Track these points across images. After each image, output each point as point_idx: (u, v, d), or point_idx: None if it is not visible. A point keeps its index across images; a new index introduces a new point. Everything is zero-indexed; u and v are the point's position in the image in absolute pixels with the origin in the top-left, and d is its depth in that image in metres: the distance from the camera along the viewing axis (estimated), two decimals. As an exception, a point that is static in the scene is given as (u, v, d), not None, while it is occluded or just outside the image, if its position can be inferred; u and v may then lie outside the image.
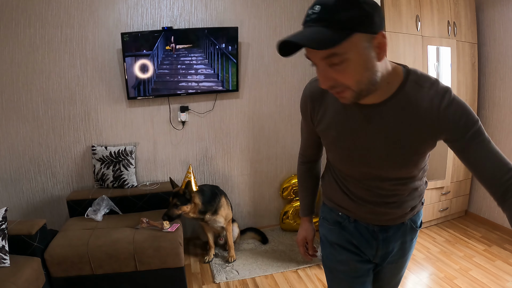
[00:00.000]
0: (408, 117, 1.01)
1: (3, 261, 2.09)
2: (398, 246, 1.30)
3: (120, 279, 2.45)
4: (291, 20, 3.41)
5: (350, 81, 0.92)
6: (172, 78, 3.13)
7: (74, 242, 2.43)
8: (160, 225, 2.60)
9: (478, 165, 1.00)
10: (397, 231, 1.27)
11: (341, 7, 0.83)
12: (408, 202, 1.22)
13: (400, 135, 1.03)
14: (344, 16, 0.84)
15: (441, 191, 3.46)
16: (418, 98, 1.00)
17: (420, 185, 1.22)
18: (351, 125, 1.09)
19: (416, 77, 1.02)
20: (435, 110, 0.98)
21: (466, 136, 0.98)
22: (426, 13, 3.06)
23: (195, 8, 3.18)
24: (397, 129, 1.03)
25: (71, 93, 3.08)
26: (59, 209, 3.20)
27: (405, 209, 1.23)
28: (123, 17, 3.05)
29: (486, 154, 0.98)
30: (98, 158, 3.08)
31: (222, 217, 2.94)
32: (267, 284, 2.69)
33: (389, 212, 1.21)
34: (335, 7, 0.84)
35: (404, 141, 1.04)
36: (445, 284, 2.57)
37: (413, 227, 1.29)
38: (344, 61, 0.88)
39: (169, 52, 3.06)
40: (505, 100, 3.26)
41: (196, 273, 2.90)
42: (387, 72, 0.98)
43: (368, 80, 0.93)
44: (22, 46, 2.92)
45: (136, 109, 3.21)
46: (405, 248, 1.32)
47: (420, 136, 1.03)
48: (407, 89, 1.00)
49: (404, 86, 1.01)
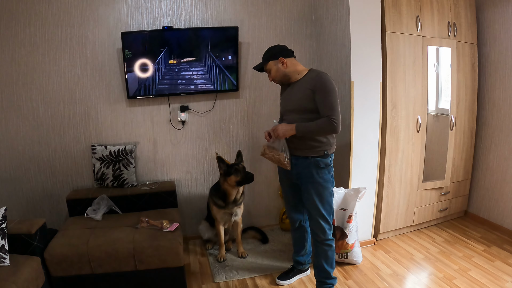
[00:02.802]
0: (304, 85, 2.26)
1: (3, 260, 2.09)
2: (306, 174, 2.31)
3: (119, 279, 2.45)
4: (291, 20, 3.41)
5: (275, 77, 2.37)
6: (171, 90, 3.17)
7: (74, 241, 2.43)
8: (160, 225, 2.60)
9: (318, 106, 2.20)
10: (303, 161, 2.30)
11: (266, 53, 2.38)
12: (308, 142, 2.26)
13: (301, 93, 2.27)
14: (265, 56, 2.38)
15: (441, 191, 3.46)
16: (310, 77, 2.26)
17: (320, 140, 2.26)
18: (286, 92, 2.41)
19: (312, 71, 2.30)
20: (313, 78, 2.23)
21: (317, 89, 2.19)
22: (426, 14, 3.06)
23: (195, 7, 3.18)
24: (300, 90, 2.28)
25: (71, 92, 3.08)
26: (58, 208, 3.20)
27: (306, 145, 2.27)
28: (123, 16, 3.05)
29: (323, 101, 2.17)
30: (98, 157, 3.08)
31: (242, 210, 3.06)
32: (266, 284, 2.69)
33: (295, 142, 2.30)
34: (265, 54, 2.39)
35: (302, 95, 2.26)
36: (444, 284, 2.57)
37: (317, 164, 2.27)
38: (270, 70, 2.37)
39: (171, 66, 3.09)
40: (505, 100, 3.26)
41: (196, 272, 2.90)
42: (296, 70, 2.32)
43: (281, 76, 2.34)
44: (22, 45, 2.92)
45: (136, 108, 3.21)
46: (312, 177, 2.29)
47: (307, 92, 2.23)
48: (306, 76, 2.29)
49: (306, 75, 2.30)
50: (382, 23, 2.89)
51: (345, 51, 2.92)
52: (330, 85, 2.17)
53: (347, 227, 2.79)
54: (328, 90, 2.17)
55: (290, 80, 2.35)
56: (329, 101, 2.16)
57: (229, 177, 2.84)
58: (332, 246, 2.42)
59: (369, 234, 3.21)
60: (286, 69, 2.31)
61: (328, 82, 2.18)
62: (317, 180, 2.31)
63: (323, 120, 2.18)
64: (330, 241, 2.40)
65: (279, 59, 2.30)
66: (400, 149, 3.14)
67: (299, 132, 2.23)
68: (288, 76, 2.33)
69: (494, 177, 3.43)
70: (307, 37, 3.48)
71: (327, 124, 2.16)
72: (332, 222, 2.40)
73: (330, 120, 2.15)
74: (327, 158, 2.30)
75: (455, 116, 3.34)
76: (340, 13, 2.96)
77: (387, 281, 2.65)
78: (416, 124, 3.16)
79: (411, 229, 3.45)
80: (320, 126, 2.18)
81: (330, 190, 2.36)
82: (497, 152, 3.38)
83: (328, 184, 2.34)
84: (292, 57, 2.36)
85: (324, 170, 2.30)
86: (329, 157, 2.31)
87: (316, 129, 2.21)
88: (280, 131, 2.27)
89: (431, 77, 3.22)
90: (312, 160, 2.28)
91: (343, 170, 3.11)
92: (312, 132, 2.23)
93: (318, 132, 2.23)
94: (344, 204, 2.84)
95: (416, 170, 3.26)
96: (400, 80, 3.03)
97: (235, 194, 2.92)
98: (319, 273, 2.48)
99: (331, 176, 2.36)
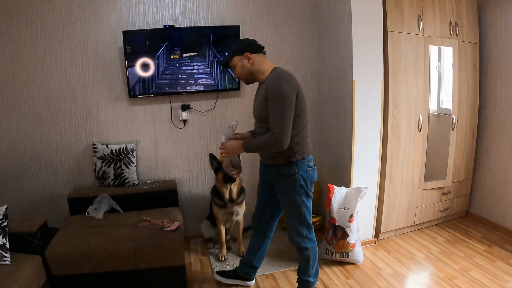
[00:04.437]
0: (261, 91, 2.05)
1: (4, 259, 2.09)
2: (271, 182, 2.23)
3: (120, 278, 2.45)
4: (293, 19, 3.40)
5: (240, 75, 2.13)
6: (171, 89, 3.16)
7: (75, 240, 2.43)
8: (161, 224, 2.60)
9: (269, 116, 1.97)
10: (269, 169, 2.20)
11: (231, 48, 2.12)
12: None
13: (258, 99, 2.09)
14: (232, 50, 2.10)
15: (442, 191, 3.46)
16: (267, 80, 2.02)
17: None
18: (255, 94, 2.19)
19: (274, 72, 2.04)
20: (268, 82, 1.99)
21: (268, 97, 1.95)
22: (428, 13, 3.06)
23: (197, 6, 3.18)
24: (258, 96, 2.10)
25: (72, 91, 3.07)
26: (60, 207, 3.20)
27: (267, 154, 2.14)
28: (125, 15, 3.05)
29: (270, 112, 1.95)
30: (99, 156, 3.08)
31: (243, 209, 3.01)
32: (267, 283, 2.69)
33: None
34: (230, 48, 2.14)
35: (258, 101, 2.07)
36: (445, 284, 2.57)
37: (280, 173, 2.12)
38: (235, 67, 2.12)
39: (172, 61, 3.07)
40: (507, 100, 3.25)
41: (197, 271, 2.90)
42: (262, 69, 2.08)
43: (246, 74, 2.10)
44: (23, 44, 2.92)
45: (137, 107, 3.21)
46: (280, 186, 2.18)
47: (262, 99, 2.02)
48: (267, 78, 2.04)
49: (267, 76, 2.05)
50: (384, 23, 2.89)
51: (347, 50, 2.92)
52: (278, 93, 1.90)
53: (349, 227, 2.79)
54: (275, 99, 1.91)
55: (256, 79, 2.11)
56: (274, 112, 1.92)
57: (217, 174, 2.85)
58: (305, 254, 2.27)
59: (370, 233, 3.21)
60: (251, 66, 2.05)
61: (277, 90, 1.91)
62: (282, 190, 2.18)
63: (266, 136, 1.97)
64: (303, 249, 2.26)
65: (245, 55, 2.04)
66: (402, 148, 3.14)
67: (246, 150, 2.07)
68: (253, 75, 2.09)
69: (496, 177, 3.42)
70: (309, 36, 3.48)
71: (269, 140, 1.94)
72: (306, 230, 2.23)
73: (272, 135, 1.93)
74: (291, 166, 2.09)
75: (457, 116, 3.34)
76: (341, 12, 2.96)
77: (388, 281, 2.65)
78: (418, 124, 3.16)
79: (412, 228, 3.45)
80: (263, 142, 1.99)
81: (298, 202, 2.14)
82: (499, 152, 3.38)
83: (295, 196, 2.13)
84: (261, 53, 2.10)
85: (289, 179, 2.10)
86: (294, 165, 2.09)
87: (261, 146, 2.03)
88: (229, 150, 2.12)
89: (433, 76, 3.22)
90: (274, 168, 2.14)
91: (344, 169, 3.11)
92: (257, 149, 2.08)
93: (263, 149, 2.07)
94: (345, 204, 2.83)
95: (418, 169, 3.26)
96: (401, 79, 3.02)
97: (229, 193, 2.87)
98: (299, 280, 2.41)
99: (301, 186, 2.11)
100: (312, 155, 2.22)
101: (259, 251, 2.56)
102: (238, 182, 2.91)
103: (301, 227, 2.22)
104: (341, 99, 3.10)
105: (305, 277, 2.36)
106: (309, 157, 2.18)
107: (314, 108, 3.58)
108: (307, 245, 2.25)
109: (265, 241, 2.53)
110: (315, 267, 2.37)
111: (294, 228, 2.23)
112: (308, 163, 2.15)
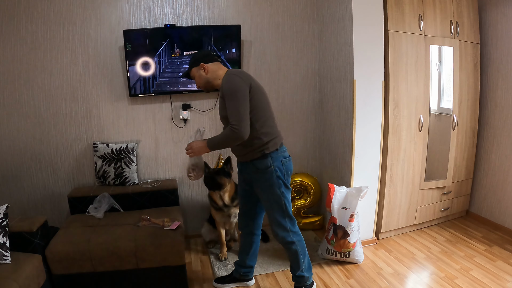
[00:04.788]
0: (220, 91, 2.12)
1: (4, 258, 2.09)
2: (249, 179, 2.27)
3: (121, 277, 2.45)
4: (294, 18, 3.40)
5: (199, 84, 2.26)
6: (172, 87, 3.16)
7: (75, 239, 2.43)
8: (161, 223, 2.60)
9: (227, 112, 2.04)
10: (246, 166, 2.25)
11: (190, 60, 2.24)
12: (238, 147, 2.19)
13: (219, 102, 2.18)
14: (190, 62, 2.23)
15: (442, 191, 3.46)
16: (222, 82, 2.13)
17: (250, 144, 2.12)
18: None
19: (226, 73, 2.16)
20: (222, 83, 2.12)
21: (223, 95, 2.06)
22: (429, 13, 3.05)
23: (198, 6, 3.18)
24: (219, 97, 2.18)
25: (72, 90, 3.07)
26: (60, 206, 3.20)
27: (239, 151, 2.21)
28: (126, 14, 3.05)
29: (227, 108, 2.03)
30: (100, 155, 3.08)
31: None
32: (268, 283, 2.69)
33: (234, 149, 2.26)
34: (189, 60, 2.24)
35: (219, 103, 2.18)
36: (445, 283, 2.57)
37: (256, 168, 2.17)
38: (194, 77, 2.25)
39: (173, 60, 3.07)
40: (507, 100, 3.25)
41: (197, 271, 2.90)
42: (217, 75, 2.19)
43: (203, 83, 2.23)
44: (24, 43, 2.92)
45: (138, 106, 3.21)
46: (258, 181, 2.21)
47: (221, 100, 2.12)
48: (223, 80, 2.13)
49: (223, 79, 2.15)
50: (384, 22, 2.89)
51: (348, 49, 2.92)
52: (229, 88, 2.03)
53: (349, 226, 2.79)
54: (228, 94, 2.03)
55: (214, 86, 2.23)
56: (230, 106, 2.02)
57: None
58: (292, 249, 2.29)
59: (370, 233, 3.20)
60: (207, 75, 2.18)
61: (228, 85, 2.04)
62: (260, 185, 2.22)
63: (226, 129, 2.06)
64: (289, 244, 2.28)
65: (200, 65, 2.18)
66: (402, 148, 3.14)
67: (211, 147, 2.13)
68: (210, 83, 2.21)
69: (496, 177, 3.42)
70: (310, 35, 3.47)
71: (228, 133, 2.02)
72: (289, 223, 2.26)
73: (231, 128, 2.00)
74: (266, 159, 2.15)
75: (457, 115, 3.33)
76: (342, 12, 2.96)
77: (389, 280, 2.65)
78: (418, 123, 3.16)
79: (413, 228, 3.45)
80: (225, 136, 2.07)
81: (278, 193, 2.18)
82: (499, 152, 3.38)
83: (274, 188, 2.18)
84: (217, 61, 2.22)
85: (266, 172, 2.16)
86: (269, 157, 2.15)
87: (223, 140, 2.10)
88: (195, 149, 2.18)
89: (434, 76, 3.22)
90: (250, 164, 2.20)
91: (345, 169, 3.11)
92: (221, 144, 2.13)
93: (226, 143, 2.12)
94: (346, 203, 2.83)
95: (418, 169, 3.26)
96: (402, 79, 3.02)
97: (219, 198, 2.83)
98: (294, 278, 2.41)
99: (278, 177, 2.17)
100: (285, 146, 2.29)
101: (251, 250, 2.57)
102: (229, 188, 2.84)
103: (284, 220, 2.25)
104: (342, 99, 3.10)
105: (298, 273, 2.36)
106: (283, 148, 2.25)
107: (315, 107, 3.58)
108: (293, 239, 2.28)
109: (254, 238, 2.54)
110: (307, 261, 2.37)
111: (278, 223, 2.26)
112: (282, 153, 2.21)
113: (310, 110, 3.59)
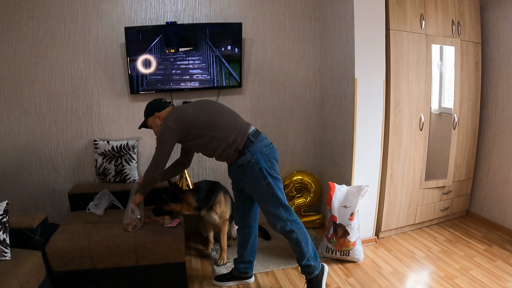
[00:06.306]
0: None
1: (4, 255, 2.09)
2: (237, 178, 2.33)
3: (120, 274, 2.45)
4: (295, 16, 3.40)
5: (156, 132, 2.33)
6: (175, 85, 3.16)
7: (75, 236, 2.43)
8: (162, 220, 2.60)
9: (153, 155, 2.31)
10: (231, 167, 2.32)
11: (145, 111, 2.41)
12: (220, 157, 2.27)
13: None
14: (145, 113, 2.40)
15: (443, 191, 3.46)
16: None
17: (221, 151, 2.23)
18: None
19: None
20: None
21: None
22: (430, 12, 3.05)
23: (199, 3, 3.17)
24: None
25: (73, 87, 3.07)
26: (60, 203, 3.20)
27: (222, 158, 2.28)
28: (127, 11, 3.05)
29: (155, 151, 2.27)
30: (100, 152, 3.08)
31: (216, 214, 2.82)
32: (267, 281, 2.69)
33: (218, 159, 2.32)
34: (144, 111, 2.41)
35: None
36: (445, 283, 2.57)
37: (239, 166, 2.23)
38: (152, 126, 2.40)
39: (166, 56, 3.06)
40: (508, 100, 3.25)
41: (197, 268, 2.90)
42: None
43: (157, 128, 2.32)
44: (25, 40, 2.91)
45: (138, 103, 3.20)
46: (243, 177, 2.26)
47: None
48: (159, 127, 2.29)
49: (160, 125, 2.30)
50: (386, 21, 2.89)
51: (349, 48, 2.91)
52: (159, 137, 2.25)
53: (349, 225, 2.79)
54: (157, 141, 2.26)
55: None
56: (155, 152, 2.28)
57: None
58: (293, 237, 2.28)
59: (370, 232, 3.21)
60: (162, 122, 2.30)
61: (159, 134, 2.25)
62: (246, 181, 2.27)
63: (145, 175, 2.36)
64: (289, 233, 2.28)
65: (155, 115, 2.34)
66: (403, 147, 3.14)
67: (143, 192, 2.43)
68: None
69: (497, 177, 3.42)
70: (311, 34, 3.47)
71: (147, 179, 2.34)
72: (284, 212, 2.25)
73: (147, 173, 2.32)
74: (245, 155, 2.20)
75: (458, 115, 3.33)
76: (344, 10, 2.95)
77: (389, 279, 2.65)
78: (419, 123, 3.15)
79: (413, 227, 3.45)
80: (145, 183, 2.38)
81: (264, 184, 2.20)
82: (500, 152, 3.37)
83: (260, 180, 2.20)
84: (168, 106, 2.38)
85: (247, 167, 2.21)
86: (247, 152, 2.19)
87: (144, 184, 2.38)
88: (136, 202, 2.48)
89: (435, 75, 3.21)
90: (234, 164, 2.27)
91: (345, 167, 3.11)
92: (145, 187, 2.39)
93: (147, 185, 2.37)
94: (346, 202, 2.83)
95: (419, 168, 3.26)
96: (403, 78, 3.02)
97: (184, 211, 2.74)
98: (301, 269, 2.40)
99: (260, 168, 2.19)
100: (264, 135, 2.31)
101: (249, 244, 2.58)
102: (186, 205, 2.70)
103: (278, 210, 2.25)
104: (343, 97, 3.10)
105: (304, 262, 2.33)
106: (260, 138, 2.26)
107: (316, 105, 3.58)
108: (291, 227, 2.27)
109: (251, 231, 2.56)
110: (312, 249, 2.35)
111: (273, 214, 2.27)
112: (260, 143, 2.23)
113: (311, 108, 3.59)
